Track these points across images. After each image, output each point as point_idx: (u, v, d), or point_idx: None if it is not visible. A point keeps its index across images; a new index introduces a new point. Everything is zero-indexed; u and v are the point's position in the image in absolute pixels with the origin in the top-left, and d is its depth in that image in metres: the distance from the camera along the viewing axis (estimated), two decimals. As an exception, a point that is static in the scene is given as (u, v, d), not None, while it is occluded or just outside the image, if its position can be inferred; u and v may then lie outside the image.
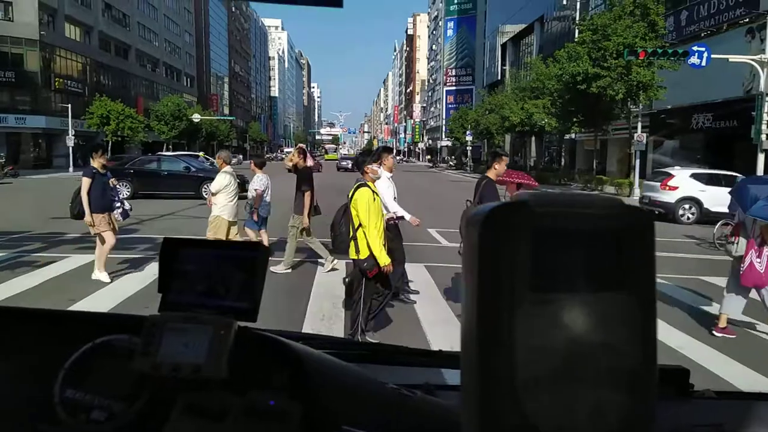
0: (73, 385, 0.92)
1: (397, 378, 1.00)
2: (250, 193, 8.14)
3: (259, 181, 8.03)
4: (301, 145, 8.77)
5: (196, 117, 54.12)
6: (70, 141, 36.72)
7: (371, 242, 4.51)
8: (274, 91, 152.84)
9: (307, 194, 7.82)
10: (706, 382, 1.16)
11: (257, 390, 0.85)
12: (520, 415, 0.34)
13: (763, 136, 17.98)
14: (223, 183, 7.40)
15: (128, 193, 17.53)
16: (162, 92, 61.07)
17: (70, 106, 38.45)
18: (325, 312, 5.98)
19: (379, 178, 5.07)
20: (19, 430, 0.93)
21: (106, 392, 0.91)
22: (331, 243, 5.53)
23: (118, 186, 7.39)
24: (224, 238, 7.21)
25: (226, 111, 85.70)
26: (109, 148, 41.78)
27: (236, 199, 7.59)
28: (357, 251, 4.58)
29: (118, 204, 7.27)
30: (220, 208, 7.36)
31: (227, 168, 7.63)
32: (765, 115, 17.83)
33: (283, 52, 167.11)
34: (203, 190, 17.92)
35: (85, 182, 6.80)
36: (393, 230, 6.04)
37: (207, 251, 0.96)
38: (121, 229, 11.56)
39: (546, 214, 0.36)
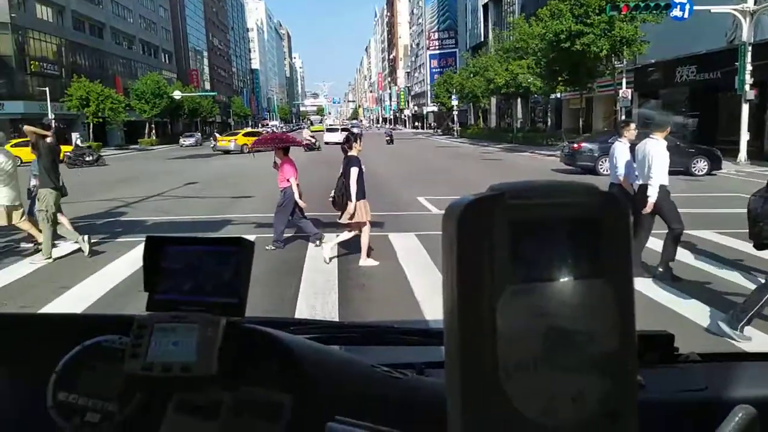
0: (65, 389, 0.93)
1: (388, 358, 1.02)
2: (32, 182, 7.93)
3: None
4: (39, 126, 7.91)
5: (177, 94, 53.20)
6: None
7: None
8: (255, 64, 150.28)
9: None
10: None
11: (248, 384, 0.87)
12: (503, 400, 0.35)
13: (747, 87, 18.01)
14: None
15: None
16: (140, 70, 59.89)
17: (47, 89, 37.68)
18: (318, 287, 6.02)
19: None
20: None
21: (98, 394, 0.92)
22: (750, 235, 4.58)
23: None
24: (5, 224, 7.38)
25: (208, 86, 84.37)
26: (91, 129, 41.32)
27: (12, 182, 7.47)
28: None
29: None
30: None
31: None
32: (748, 65, 17.83)
33: (261, 22, 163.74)
34: None
35: (354, 172, 6.80)
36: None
37: (190, 248, 0.96)
38: (108, 213, 11.54)
39: (522, 205, 0.37)
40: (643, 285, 5.55)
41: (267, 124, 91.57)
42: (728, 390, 1.00)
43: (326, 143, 38.29)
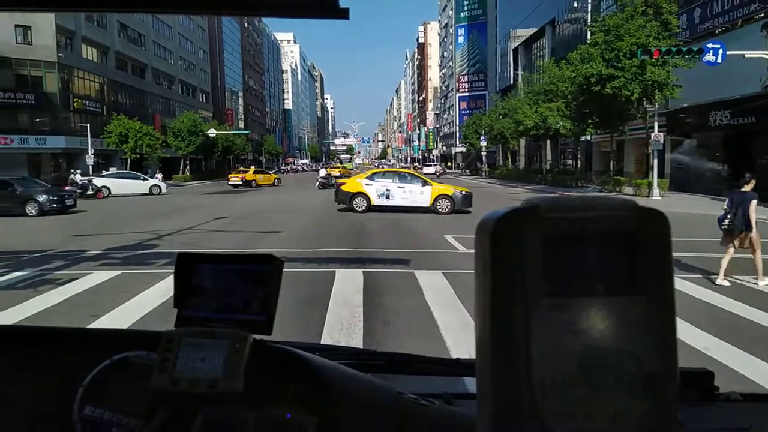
0: (91, 403, 0.93)
1: (415, 387, 0.99)
2: None
3: None
4: None
5: (212, 132, 54.66)
6: (90, 159, 37.31)
7: None
8: (288, 104, 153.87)
9: None
10: (733, 383, 1.14)
11: (274, 403, 0.85)
12: (537, 421, 0.34)
13: (784, 132, 17.69)
14: None
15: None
16: (178, 109, 61.85)
17: (89, 125, 39.12)
18: (343, 321, 5.98)
19: None
20: None
21: (124, 409, 0.91)
22: None
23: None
24: None
25: (242, 125, 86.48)
26: (128, 165, 42.58)
27: None
28: None
29: None
30: None
31: None
32: (784, 110, 17.54)
33: (295, 65, 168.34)
34: None
35: (754, 204, 7.61)
36: None
37: (221, 265, 0.97)
38: (141, 245, 11.76)
39: (557, 218, 0.35)
40: None
41: (292, 162, 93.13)
42: None
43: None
